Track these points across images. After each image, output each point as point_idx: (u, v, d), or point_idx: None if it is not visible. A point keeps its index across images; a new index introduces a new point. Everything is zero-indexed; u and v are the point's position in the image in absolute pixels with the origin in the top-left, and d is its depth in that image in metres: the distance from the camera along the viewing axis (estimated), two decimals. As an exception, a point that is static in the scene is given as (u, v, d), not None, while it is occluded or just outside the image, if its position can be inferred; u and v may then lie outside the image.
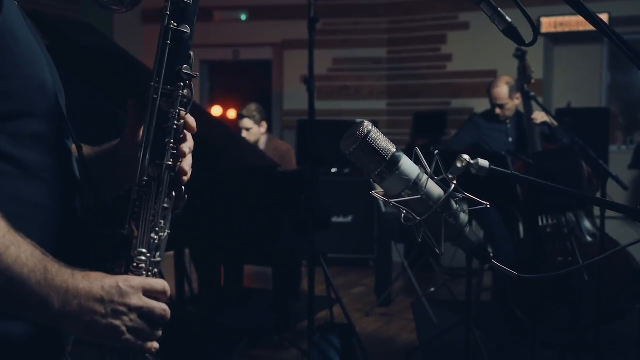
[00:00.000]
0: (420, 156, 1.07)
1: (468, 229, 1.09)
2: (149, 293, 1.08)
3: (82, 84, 3.82)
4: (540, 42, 6.92)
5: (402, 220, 1.07)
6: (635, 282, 4.01)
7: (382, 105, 7.81)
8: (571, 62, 7.24)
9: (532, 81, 4.63)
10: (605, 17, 6.35)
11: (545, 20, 6.84)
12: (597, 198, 1.28)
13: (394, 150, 1.06)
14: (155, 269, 1.13)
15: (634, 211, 1.14)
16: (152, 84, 1.14)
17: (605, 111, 6.41)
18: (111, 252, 1.12)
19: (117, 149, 1.28)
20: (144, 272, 1.11)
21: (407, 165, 1.06)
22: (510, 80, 4.95)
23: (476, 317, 4.20)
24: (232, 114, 8.11)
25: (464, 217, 1.08)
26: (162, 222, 1.14)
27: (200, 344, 3.98)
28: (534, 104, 4.47)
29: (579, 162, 4.10)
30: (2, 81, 1.07)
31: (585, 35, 6.76)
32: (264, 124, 5.42)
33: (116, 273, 1.09)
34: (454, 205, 1.07)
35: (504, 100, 4.93)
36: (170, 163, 1.14)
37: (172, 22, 1.13)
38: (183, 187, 1.17)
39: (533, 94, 4.43)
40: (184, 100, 1.16)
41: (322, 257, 4.11)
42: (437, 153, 1.06)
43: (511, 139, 4.98)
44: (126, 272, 1.10)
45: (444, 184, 1.07)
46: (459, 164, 1.06)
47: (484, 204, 1.06)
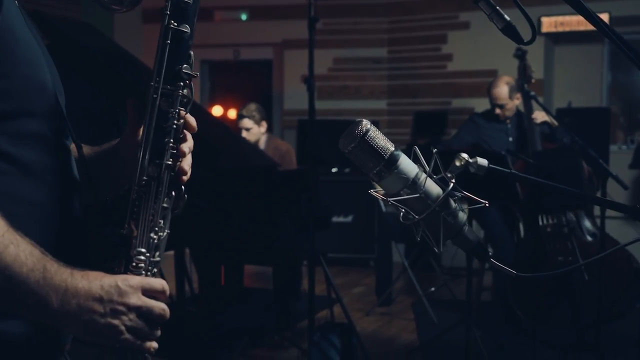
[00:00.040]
0: (419, 155, 1.07)
1: (467, 227, 1.09)
2: (148, 292, 1.08)
3: (83, 84, 3.82)
4: (541, 41, 6.92)
5: (400, 219, 1.07)
6: (636, 281, 4.00)
7: (382, 105, 7.80)
8: (572, 61, 7.24)
9: (533, 81, 4.63)
10: (605, 16, 6.35)
11: (546, 19, 6.84)
12: (597, 197, 1.29)
13: (393, 149, 1.06)
14: (155, 269, 1.13)
15: (634, 210, 1.14)
16: (151, 84, 1.14)
17: (606, 111, 6.41)
18: (110, 251, 1.12)
19: (117, 148, 1.28)
20: (143, 271, 1.10)
21: (406, 163, 1.06)
22: (510, 80, 4.95)
23: (476, 316, 4.20)
24: (232, 113, 8.11)
25: (462, 215, 1.08)
26: (162, 221, 1.13)
27: (200, 343, 3.98)
28: (534, 104, 4.47)
29: (579, 162, 4.10)
30: (2, 80, 1.07)
31: (586, 34, 6.75)
32: (263, 123, 5.41)
33: (115, 272, 1.09)
34: (453, 204, 1.07)
35: (504, 100, 4.92)
36: (169, 163, 1.14)
37: (172, 21, 1.13)
38: (183, 187, 1.17)
39: (533, 94, 4.43)
40: (183, 100, 1.15)
41: (323, 256, 4.11)
42: (435, 152, 1.06)
43: (511, 139, 4.97)
44: (125, 271, 1.10)
45: (442, 182, 1.07)
46: (457, 163, 1.06)
47: (483, 203, 1.06)
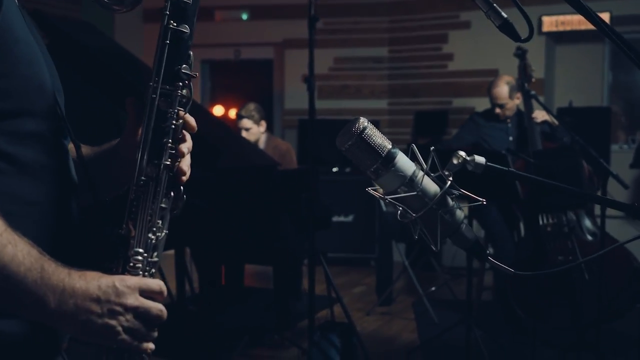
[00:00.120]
0: (417, 153, 1.07)
1: (464, 225, 1.09)
2: (145, 293, 1.08)
3: (83, 84, 3.82)
4: (542, 41, 6.91)
5: (398, 217, 1.07)
6: (636, 281, 4.00)
7: (383, 105, 7.80)
8: (572, 61, 7.23)
9: (533, 80, 4.62)
10: (606, 16, 6.35)
11: (547, 19, 6.83)
12: (597, 196, 1.28)
13: (390, 147, 1.06)
14: (153, 269, 1.13)
15: (634, 209, 1.14)
16: (150, 84, 1.13)
17: (607, 110, 6.40)
18: (108, 251, 1.12)
19: (116, 148, 1.28)
20: (141, 272, 1.10)
21: (403, 161, 1.06)
22: (510, 80, 4.94)
23: (477, 316, 4.20)
24: (233, 113, 8.11)
25: (460, 213, 1.08)
26: (160, 222, 1.13)
27: (200, 343, 3.98)
28: (534, 103, 4.47)
29: (580, 161, 4.10)
30: (1, 80, 1.08)
31: (587, 34, 6.75)
32: (263, 123, 5.41)
33: (113, 273, 1.09)
34: (450, 202, 1.07)
35: (504, 100, 4.92)
36: (168, 163, 1.14)
37: (172, 21, 1.13)
38: (181, 187, 1.17)
39: (533, 93, 4.42)
40: (182, 100, 1.15)
41: (323, 256, 4.11)
42: (432, 150, 1.06)
43: (511, 138, 4.97)
44: (123, 271, 1.10)
45: (440, 180, 1.07)
46: (455, 161, 1.06)
47: (480, 201, 1.06)
